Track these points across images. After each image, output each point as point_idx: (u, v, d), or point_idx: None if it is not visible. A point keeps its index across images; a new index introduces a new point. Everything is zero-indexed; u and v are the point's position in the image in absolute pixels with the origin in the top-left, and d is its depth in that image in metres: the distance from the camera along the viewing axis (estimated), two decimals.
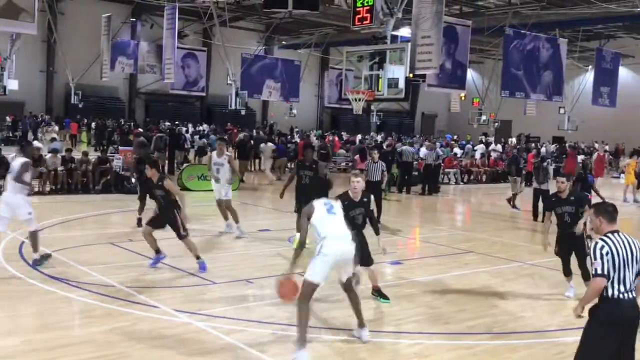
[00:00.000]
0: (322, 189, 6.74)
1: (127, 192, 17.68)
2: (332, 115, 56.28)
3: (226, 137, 23.98)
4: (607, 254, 4.81)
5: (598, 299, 4.90)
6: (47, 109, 42.66)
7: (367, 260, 7.95)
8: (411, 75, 17.96)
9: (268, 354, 6.37)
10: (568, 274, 9.04)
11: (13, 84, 31.27)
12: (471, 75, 33.78)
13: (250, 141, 26.95)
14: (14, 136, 33.89)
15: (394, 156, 22.37)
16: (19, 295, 8.00)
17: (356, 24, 18.21)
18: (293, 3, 18.08)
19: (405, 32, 24.35)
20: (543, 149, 34.09)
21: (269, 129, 38.75)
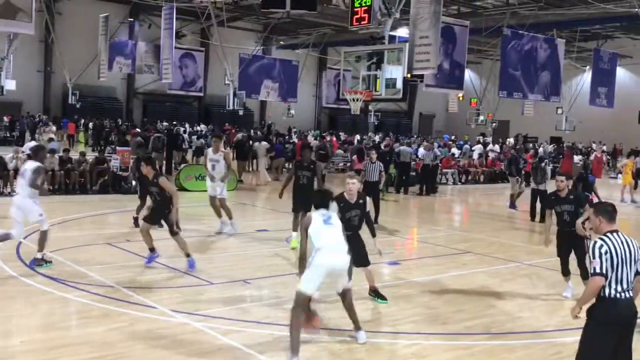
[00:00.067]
0: (322, 199, 6.71)
1: (125, 193, 17.70)
2: (330, 115, 56.30)
3: (221, 134, 23.83)
4: (605, 253, 4.83)
5: (595, 299, 4.92)
6: (44, 109, 42.61)
7: (364, 260, 7.96)
8: (409, 76, 17.96)
9: (266, 354, 6.37)
10: (566, 273, 9.06)
11: (10, 84, 31.28)
12: (469, 75, 33.79)
13: (249, 141, 26.95)
14: (12, 136, 33.86)
15: (391, 156, 22.38)
16: (16, 295, 7.99)
17: (354, 24, 18.20)
18: (291, 3, 18.05)
19: (403, 32, 24.30)
20: (540, 149, 34.13)
21: (266, 129, 38.74)
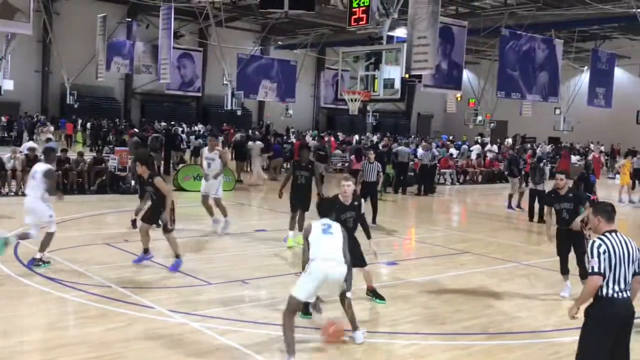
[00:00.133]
0: (326, 209, 6.72)
1: (123, 193, 17.68)
2: (328, 115, 56.34)
3: (217, 133, 23.79)
4: (604, 252, 4.85)
5: (593, 298, 4.93)
6: (42, 109, 42.60)
7: (360, 261, 7.96)
8: (407, 76, 17.95)
9: (263, 354, 6.37)
10: (565, 272, 9.08)
11: (8, 84, 31.33)
12: (467, 75, 33.87)
13: (248, 142, 26.94)
14: (9, 136, 33.84)
15: (389, 157, 22.38)
16: (14, 295, 7.98)
17: (352, 24, 18.19)
18: (289, 3, 18.04)
19: (401, 32, 24.31)
20: (539, 149, 34.17)
21: (265, 130, 38.74)
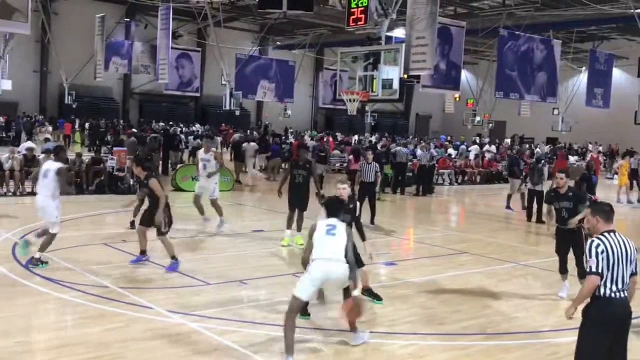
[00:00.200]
0: (334, 209, 6.72)
1: (121, 193, 17.64)
2: (327, 115, 56.36)
3: (212, 135, 23.70)
4: (602, 252, 4.85)
5: (590, 298, 4.94)
6: (40, 109, 42.57)
7: (357, 262, 7.94)
8: (405, 76, 17.95)
9: (262, 355, 6.36)
10: (564, 271, 9.09)
11: (6, 84, 31.25)
12: (465, 76, 33.87)
13: (243, 143, 26.94)
14: (7, 136, 33.78)
15: (388, 157, 22.38)
16: (12, 296, 7.97)
17: (350, 24, 18.20)
18: (287, 3, 18.03)
19: (399, 33, 24.33)
20: (537, 149, 34.17)
21: (263, 130, 38.74)
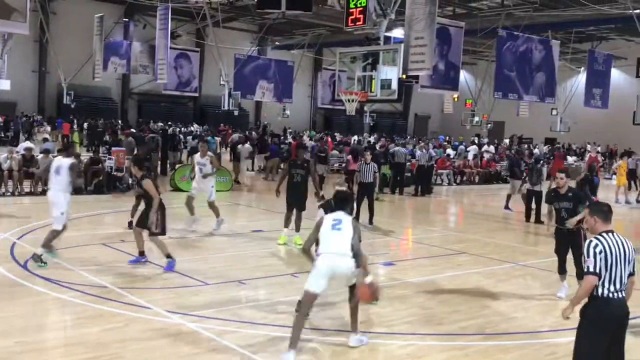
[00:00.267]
0: (341, 203, 6.77)
1: (120, 193, 17.61)
2: (325, 116, 56.36)
3: (207, 139, 23.59)
4: (600, 252, 4.86)
5: (588, 298, 4.94)
6: (39, 109, 42.53)
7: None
8: (404, 77, 17.97)
9: (260, 355, 6.36)
10: (562, 272, 9.09)
11: (5, 84, 31.20)
12: (464, 76, 33.90)
13: (246, 142, 26.97)
14: (6, 136, 33.71)
15: (386, 157, 22.37)
16: (11, 296, 7.96)
17: (349, 25, 18.22)
18: (286, 3, 18.04)
19: (398, 33, 24.37)
20: (536, 150, 34.20)
21: (262, 130, 38.75)
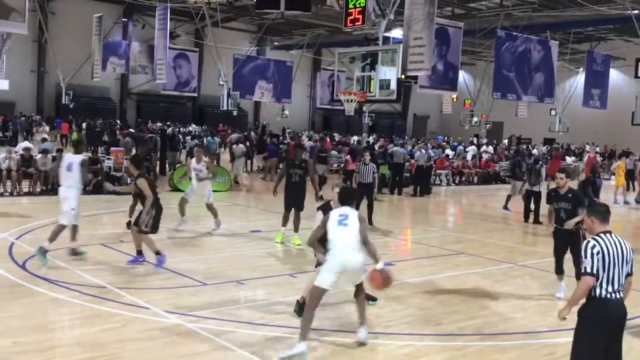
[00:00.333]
0: (346, 198, 6.82)
1: (118, 193, 17.59)
2: (324, 116, 56.38)
3: (203, 145, 23.43)
4: (597, 253, 4.86)
5: (586, 299, 4.94)
6: (37, 109, 42.53)
7: None
8: (403, 77, 17.96)
9: (259, 355, 6.36)
10: (560, 272, 9.09)
11: (3, 84, 31.20)
12: (463, 76, 33.88)
13: (246, 142, 26.97)
14: (4, 137, 33.67)
15: (385, 157, 22.37)
16: (8, 296, 7.95)
17: (348, 25, 18.20)
18: (285, 4, 18.01)
19: (397, 33, 24.36)
20: (535, 150, 34.21)
21: (261, 130, 38.75)
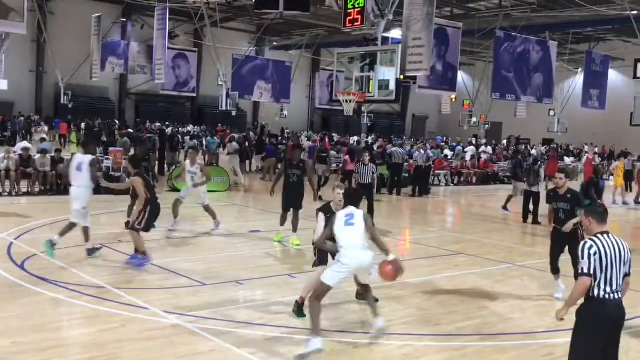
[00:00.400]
0: (352, 198, 6.92)
1: (117, 193, 17.60)
2: (323, 116, 56.39)
3: (197, 147, 23.38)
4: (595, 254, 4.85)
5: (584, 299, 4.94)
6: (36, 109, 42.50)
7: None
8: (402, 77, 17.99)
9: (257, 355, 6.36)
10: (556, 271, 9.10)
11: (2, 84, 31.15)
12: (462, 77, 33.86)
13: (245, 143, 26.96)
14: (3, 137, 33.65)
15: (384, 158, 22.36)
16: (7, 296, 7.94)
17: (347, 25, 18.22)
18: (284, 4, 18.03)
19: (396, 34, 24.37)
20: (534, 151, 34.24)
21: (260, 130, 38.76)
